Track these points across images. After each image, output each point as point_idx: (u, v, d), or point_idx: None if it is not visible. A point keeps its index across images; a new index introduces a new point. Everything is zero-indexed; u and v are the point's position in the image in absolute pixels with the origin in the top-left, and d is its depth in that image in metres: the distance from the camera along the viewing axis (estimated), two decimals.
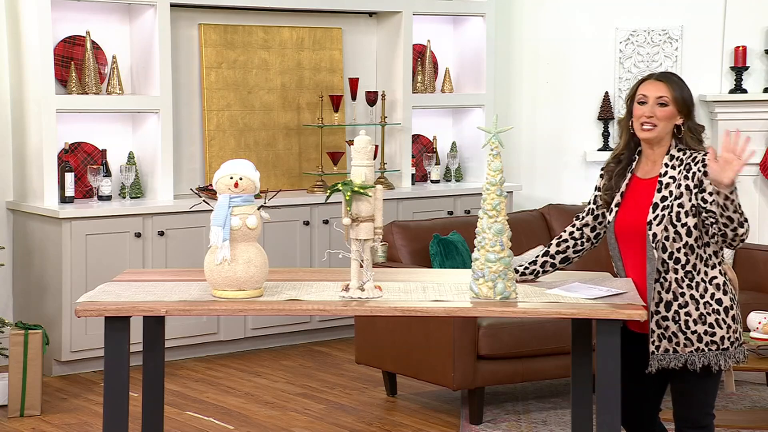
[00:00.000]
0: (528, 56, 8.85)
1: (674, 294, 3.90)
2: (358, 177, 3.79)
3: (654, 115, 3.95)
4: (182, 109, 7.45)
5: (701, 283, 3.90)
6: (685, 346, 3.89)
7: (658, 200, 3.93)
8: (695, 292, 3.89)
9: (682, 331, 3.89)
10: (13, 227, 7.00)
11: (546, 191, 8.70)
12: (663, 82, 3.98)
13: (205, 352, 7.21)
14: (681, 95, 3.96)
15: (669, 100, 3.95)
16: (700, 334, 3.88)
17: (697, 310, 3.89)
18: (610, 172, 4.11)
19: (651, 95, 3.96)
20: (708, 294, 3.90)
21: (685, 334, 3.89)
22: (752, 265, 6.50)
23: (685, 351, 3.90)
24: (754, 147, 8.36)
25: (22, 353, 5.89)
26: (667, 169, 3.95)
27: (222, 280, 3.79)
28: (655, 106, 3.95)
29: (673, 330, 3.90)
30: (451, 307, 3.77)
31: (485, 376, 5.72)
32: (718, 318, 3.89)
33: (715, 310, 3.89)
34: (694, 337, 3.89)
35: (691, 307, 3.89)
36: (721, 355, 3.90)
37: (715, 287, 3.91)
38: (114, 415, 3.77)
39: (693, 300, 3.89)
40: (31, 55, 6.78)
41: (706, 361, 3.89)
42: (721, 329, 3.89)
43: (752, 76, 8.53)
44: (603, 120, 8.65)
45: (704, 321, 3.88)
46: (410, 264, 6.27)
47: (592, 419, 4.17)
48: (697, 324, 3.88)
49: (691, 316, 3.89)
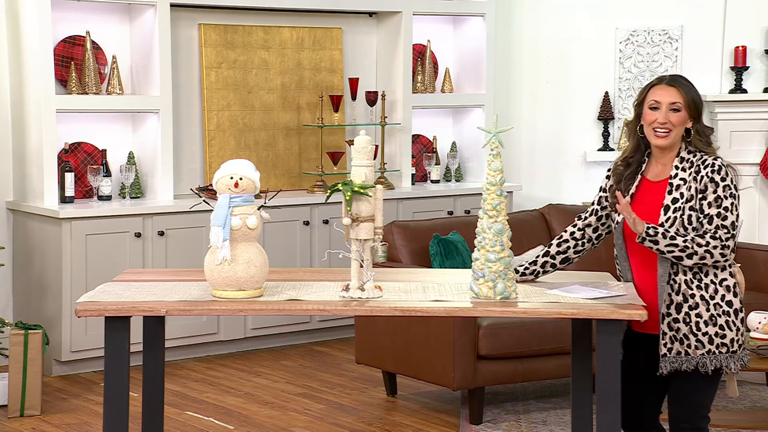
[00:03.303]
0: (528, 56, 8.85)
1: (684, 296, 3.90)
2: (358, 177, 3.79)
3: (668, 121, 3.93)
4: (182, 109, 7.45)
5: (711, 285, 3.89)
6: (697, 348, 3.89)
7: (669, 202, 3.92)
8: (705, 293, 3.89)
9: (693, 333, 3.89)
10: (13, 227, 7.00)
11: (546, 191, 8.70)
12: (675, 87, 3.96)
13: (205, 352, 7.21)
14: (692, 99, 3.96)
15: (682, 106, 3.94)
16: (711, 335, 3.88)
17: (707, 312, 3.88)
18: (619, 174, 4.08)
19: (664, 101, 3.94)
20: (718, 295, 3.89)
21: (696, 336, 3.88)
22: (752, 265, 6.49)
23: (697, 353, 3.89)
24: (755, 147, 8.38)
25: (22, 353, 5.89)
26: (677, 171, 3.94)
27: (222, 280, 3.79)
28: (668, 112, 3.93)
29: (684, 332, 3.90)
30: (451, 307, 3.78)
31: (485, 376, 5.72)
32: (728, 320, 3.89)
33: (725, 312, 3.89)
34: (705, 339, 3.88)
35: (701, 308, 3.88)
36: (731, 357, 3.90)
37: (725, 289, 3.90)
38: (114, 415, 3.77)
39: (703, 301, 3.89)
40: (31, 55, 6.78)
41: (717, 363, 3.89)
42: (731, 331, 3.89)
43: (752, 76, 8.53)
44: (603, 120, 8.64)
45: (715, 323, 3.88)
46: (410, 264, 6.27)
47: (592, 419, 4.17)
48: (708, 325, 3.88)
49: (702, 318, 3.88)
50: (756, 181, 8.40)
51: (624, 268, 4.05)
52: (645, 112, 3.99)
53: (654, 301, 3.94)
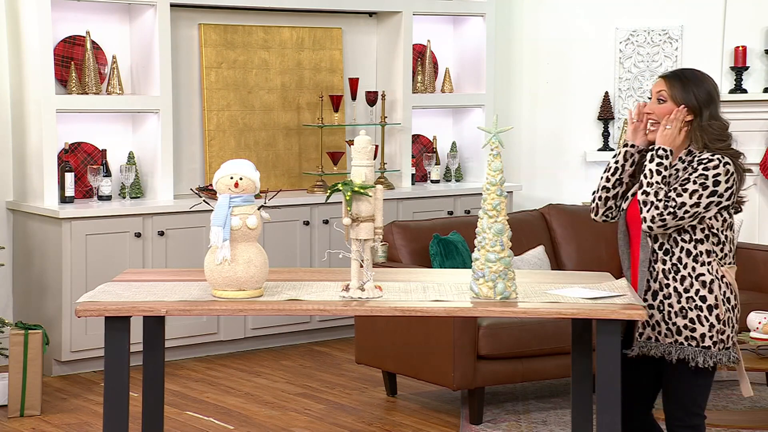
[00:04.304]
0: (528, 56, 8.85)
1: (660, 284, 3.95)
2: (358, 177, 3.79)
3: (653, 112, 3.97)
4: (182, 109, 7.45)
5: (687, 278, 3.93)
6: (666, 336, 3.95)
7: None
8: (679, 285, 3.93)
9: (665, 321, 3.95)
10: (13, 227, 7.00)
11: (546, 191, 8.70)
12: (663, 78, 4.00)
13: (205, 352, 7.21)
14: (683, 93, 3.94)
15: (667, 96, 3.95)
16: (679, 327, 3.93)
17: (678, 303, 3.93)
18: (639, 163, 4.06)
19: (653, 91, 4.01)
20: (693, 290, 3.92)
21: (667, 325, 3.95)
22: (752, 265, 6.50)
23: (665, 341, 3.95)
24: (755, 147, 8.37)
25: (22, 353, 5.89)
26: (677, 163, 3.96)
27: (222, 280, 3.79)
28: (654, 102, 3.98)
29: (657, 319, 3.96)
30: (451, 307, 3.77)
31: (485, 376, 5.72)
32: (700, 315, 3.92)
33: (697, 306, 3.92)
34: (674, 329, 3.94)
35: (673, 299, 3.94)
36: (701, 352, 3.91)
37: (701, 284, 3.92)
38: (114, 415, 3.77)
39: (676, 292, 3.93)
40: (31, 55, 6.78)
41: (683, 354, 3.92)
42: (703, 326, 3.91)
43: (752, 76, 8.53)
44: (603, 120, 8.64)
45: (685, 315, 3.92)
46: (410, 264, 6.27)
47: (592, 419, 4.17)
48: (677, 316, 3.93)
49: (673, 308, 3.94)
50: (756, 181, 8.41)
51: (624, 255, 4.08)
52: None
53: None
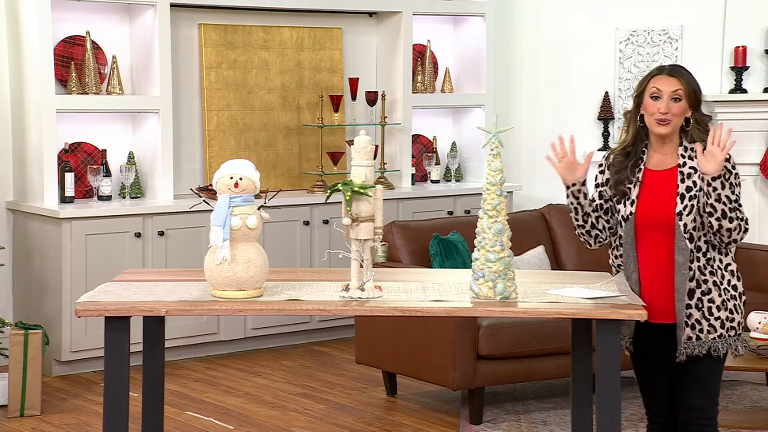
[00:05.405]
0: (528, 56, 8.85)
1: (697, 282, 3.94)
2: (358, 177, 3.79)
3: (669, 111, 3.95)
4: (182, 109, 7.45)
5: (719, 270, 3.96)
6: (709, 333, 3.94)
7: (684, 190, 3.94)
8: (717, 278, 3.95)
9: (705, 318, 3.94)
10: (13, 227, 7.00)
11: (546, 191, 8.69)
12: (675, 77, 3.98)
13: (205, 352, 7.21)
14: (692, 89, 3.98)
15: (683, 95, 3.96)
16: (722, 320, 3.95)
17: (719, 297, 3.94)
18: (619, 164, 4.06)
19: (665, 91, 3.96)
20: (725, 280, 3.96)
21: (709, 321, 3.94)
22: (752, 265, 6.49)
23: (709, 338, 3.94)
24: (755, 147, 8.37)
25: (22, 353, 5.89)
26: (685, 160, 3.97)
27: (222, 280, 3.79)
28: (670, 102, 3.96)
29: (696, 317, 3.94)
30: (451, 307, 3.78)
31: (485, 376, 5.72)
32: (737, 303, 3.98)
33: (733, 296, 3.97)
34: (717, 324, 3.94)
35: (714, 294, 3.94)
36: (738, 340, 3.99)
37: (730, 273, 3.98)
38: (114, 415, 3.77)
39: (715, 286, 3.94)
40: (31, 55, 6.78)
41: (728, 346, 3.96)
42: (738, 314, 3.98)
43: (752, 76, 8.52)
44: (603, 120, 8.64)
45: (726, 307, 3.95)
46: (410, 264, 6.27)
47: (592, 419, 4.18)
48: (720, 310, 3.94)
49: (714, 303, 3.94)
50: (756, 181, 8.40)
51: (629, 258, 4.00)
52: (646, 101, 4.00)
53: (666, 291, 3.95)
